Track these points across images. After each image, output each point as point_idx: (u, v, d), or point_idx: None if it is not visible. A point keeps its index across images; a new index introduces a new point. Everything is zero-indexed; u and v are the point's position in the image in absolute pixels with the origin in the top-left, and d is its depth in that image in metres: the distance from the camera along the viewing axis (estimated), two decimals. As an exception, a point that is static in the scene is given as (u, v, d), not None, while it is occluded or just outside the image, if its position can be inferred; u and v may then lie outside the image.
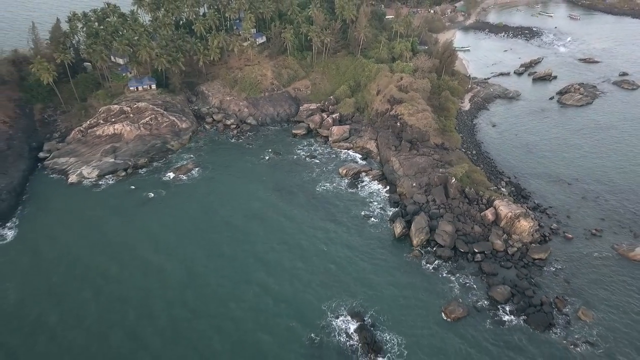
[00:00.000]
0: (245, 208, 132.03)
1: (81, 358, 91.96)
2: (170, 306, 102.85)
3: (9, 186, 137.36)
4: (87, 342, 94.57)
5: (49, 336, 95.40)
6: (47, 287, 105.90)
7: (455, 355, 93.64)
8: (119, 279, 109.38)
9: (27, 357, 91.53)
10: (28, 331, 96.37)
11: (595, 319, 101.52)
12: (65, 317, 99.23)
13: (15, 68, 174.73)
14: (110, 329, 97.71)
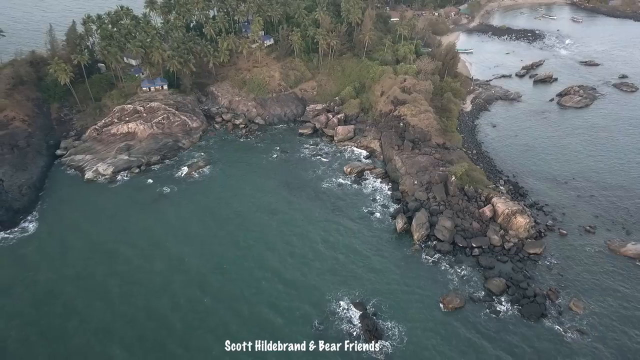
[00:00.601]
0: (255, 203, 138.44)
1: (108, 336, 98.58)
2: (188, 289, 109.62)
3: (29, 181, 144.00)
4: (112, 321, 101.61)
5: (79, 318, 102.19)
6: (73, 274, 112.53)
7: (452, 342, 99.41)
8: (139, 265, 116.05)
9: (62, 335, 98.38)
10: (60, 312, 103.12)
11: (586, 310, 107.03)
12: (91, 300, 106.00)
13: (33, 69, 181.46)
14: (133, 310, 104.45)
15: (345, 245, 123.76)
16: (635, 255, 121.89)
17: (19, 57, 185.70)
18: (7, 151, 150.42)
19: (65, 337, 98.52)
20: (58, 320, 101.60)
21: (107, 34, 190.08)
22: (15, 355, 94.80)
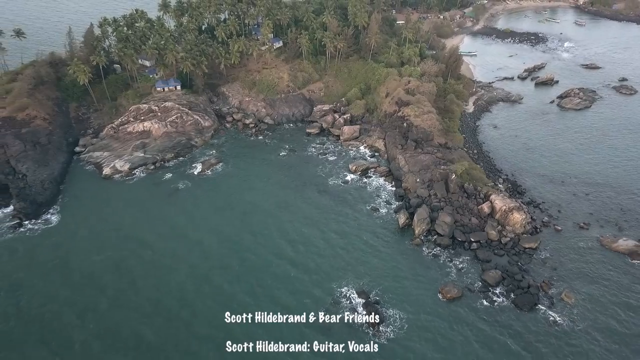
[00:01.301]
0: (266, 198, 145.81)
1: (138, 316, 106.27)
2: (210, 273, 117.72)
3: (50, 176, 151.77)
4: (140, 304, 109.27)
5: (110, 299, 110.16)
6: (99, 260, 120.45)
7: (449, 329, 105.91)
8: (162, 253, 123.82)
9: (95, 316, 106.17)
10: (93, 293, 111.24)
11: (577, 301, 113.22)
12: (119, 284, 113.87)
13: (53, 69, 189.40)
14: (160, 293, 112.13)
15: (350, 238, 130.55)
16: (626, 250, 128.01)
17: (39, 58, 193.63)
18: (29, 148, 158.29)
19: (96, 313, 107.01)
20: (89, 300, 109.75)
21: (123, 37, 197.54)
22: (52, 330, 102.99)
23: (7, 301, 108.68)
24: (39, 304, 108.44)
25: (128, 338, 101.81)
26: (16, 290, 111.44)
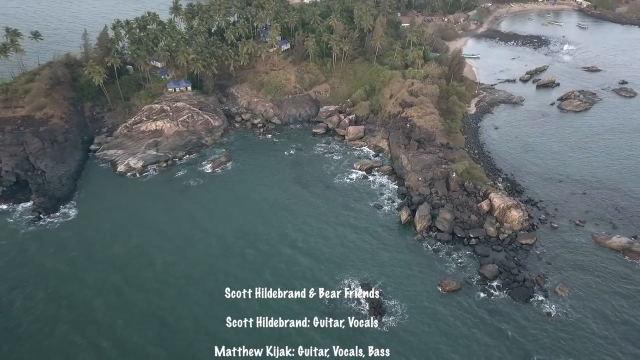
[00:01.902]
0: (274, 194, 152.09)
1: (144, 311, 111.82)
2: (214, 271, 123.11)
3: (67, 173, 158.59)
4: (147, 298, 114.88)
5: (117, 294, 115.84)
6: (117, 251, 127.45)
7: (448, 319, 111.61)
8: (170, 248, 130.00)
9: (103, 309, 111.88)
10: (100, 288, 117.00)
11: (570, 294, 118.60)
12: (128, 278, 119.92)
13: (68, 70, 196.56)
14: (166, 287, 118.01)
15: (355, 233, 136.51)
16: (618, 247, 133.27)
17: (55, 59, 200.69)
18: (47, 145, 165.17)
19: (120, 295, 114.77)
20: (98, 295, 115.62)
21: (136, 39, 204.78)
22: (79, 311, 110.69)
23: (37, 286, 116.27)
24: (65, 288, 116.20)
25: (148, 317, 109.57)
26: (43, 277, 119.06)
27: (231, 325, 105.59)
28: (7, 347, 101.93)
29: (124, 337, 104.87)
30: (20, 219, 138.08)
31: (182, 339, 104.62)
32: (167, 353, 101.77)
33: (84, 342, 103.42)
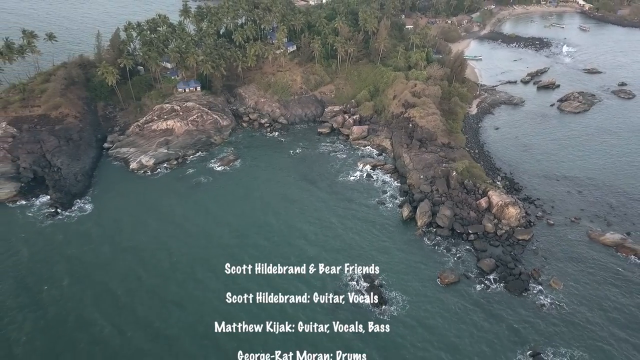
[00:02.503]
0: (281, 190, 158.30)
1: (162, 296, 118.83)
2: (226, 259, 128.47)
3: (82, 170, 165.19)
4: (165, 285, 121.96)
5: (137, 281, 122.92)
6: (129, 246, 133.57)
7: (446, 309, 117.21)
8: (185, 238, 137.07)
9: (125, 295, 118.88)
10: (121, 277, 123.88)
11: (564, 287, 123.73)
12: (146, 267, 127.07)
13: (82, 70, 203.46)
14: (183, 275, 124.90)
15: (358, 228, 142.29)
16: (612, 243, 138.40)
17: (70, 59, 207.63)
18: (63, 143, 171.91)
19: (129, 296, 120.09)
20: (121, 283, 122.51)
21: (147, 40, 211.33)
22: (103, 296, 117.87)
23: (64, 273, 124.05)
24: (88, 276, 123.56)
25: (166, 302, 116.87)
26: (67, 266, 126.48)
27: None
28: (37, 330, 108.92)
29: (143, 318, 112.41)
30: (38, 212, 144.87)
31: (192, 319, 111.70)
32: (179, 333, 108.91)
33: (105, 322, 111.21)
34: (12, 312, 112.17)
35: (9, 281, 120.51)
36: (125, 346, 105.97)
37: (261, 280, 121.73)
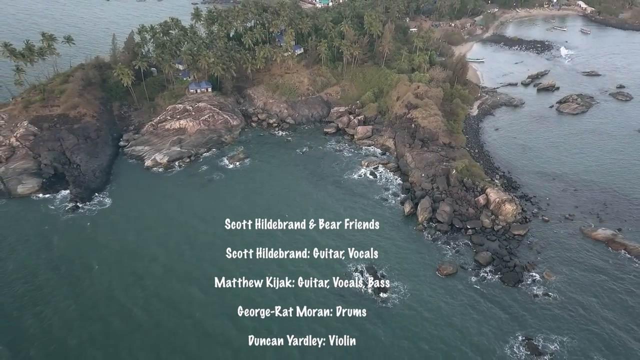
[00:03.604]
0: (289, 187, 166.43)
1: (185, 279, 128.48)
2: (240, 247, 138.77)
3: (100, 167, 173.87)
4: (187, 269, 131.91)
5: (162, 266, 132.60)
6: (151, 237, 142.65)
7: (444, 297, 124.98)
8: (203, 230, 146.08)
9: (151, 278, 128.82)
10: (147, 261, 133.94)
11: (556, 279, 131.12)
12: (169, 253, 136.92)
13: (98, 72, 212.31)
14: (203, 261, 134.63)
15: (362, 223, 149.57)
16: (603, 239, 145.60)
17: (87, 61, 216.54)
18: (82, 141, 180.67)
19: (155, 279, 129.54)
20: (148, 268, 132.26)
21: (160, 43, 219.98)
22: (119, 287, 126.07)
23: (93, 259, 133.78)
24: (115, 262, 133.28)
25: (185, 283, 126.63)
26: (89, 256, 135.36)
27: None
28: (72, 310, 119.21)
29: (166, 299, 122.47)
30: (60, 206, 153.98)
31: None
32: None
33: (133, 305, 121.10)
34: (49, 295, 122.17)
35: (44, 267, 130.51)
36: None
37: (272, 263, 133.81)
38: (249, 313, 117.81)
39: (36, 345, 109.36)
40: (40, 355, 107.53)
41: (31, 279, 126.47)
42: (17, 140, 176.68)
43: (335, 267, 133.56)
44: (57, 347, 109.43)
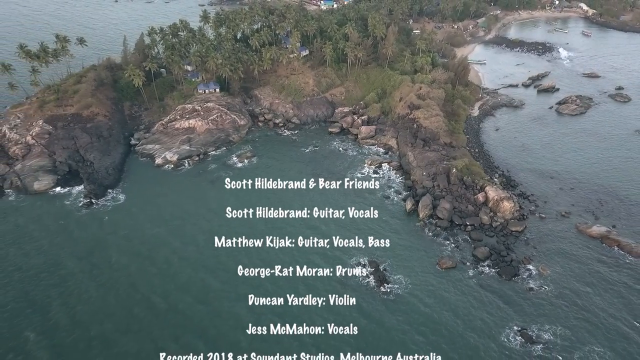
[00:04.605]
0: (296, 184, 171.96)
1: (198, 268, 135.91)
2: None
3: (113, 164, 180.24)
4: (200, 258, 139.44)
5: (177, 256, 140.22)
6: (167, 229, 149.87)
7: (443, 290, 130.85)
8: (212, 224, 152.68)
9: (166, 267, 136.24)
10: (166, 251, 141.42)
11: (551, 273, 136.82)
12: (183, 243, 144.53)
13: (110, 73, 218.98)
14: (214, 250, 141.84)
15: (365, 219, 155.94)
16: (597, 235, 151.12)
17: (98, 62, 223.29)
18: (95, 140, 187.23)
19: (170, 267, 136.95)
20: (167, 258, 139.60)
21: (170, 45, 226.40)
22: (138, 278, 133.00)
23: (100, 258, 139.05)
24: (125, 259, 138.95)
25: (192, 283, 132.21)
26: (107, 248, 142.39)
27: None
28: (95, 296, 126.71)
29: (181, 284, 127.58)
30: (75, 201, 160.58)
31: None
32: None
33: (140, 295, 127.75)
34: (73, 285, 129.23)
35: (67, 259, 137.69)
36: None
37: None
38: (259, 302, 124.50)
39: (64, 333, 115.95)
40: (69, 341, 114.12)
41: (56, 270, 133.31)
42: (33, 139, 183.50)
43: (340, 258, 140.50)
44: (83, 333, 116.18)
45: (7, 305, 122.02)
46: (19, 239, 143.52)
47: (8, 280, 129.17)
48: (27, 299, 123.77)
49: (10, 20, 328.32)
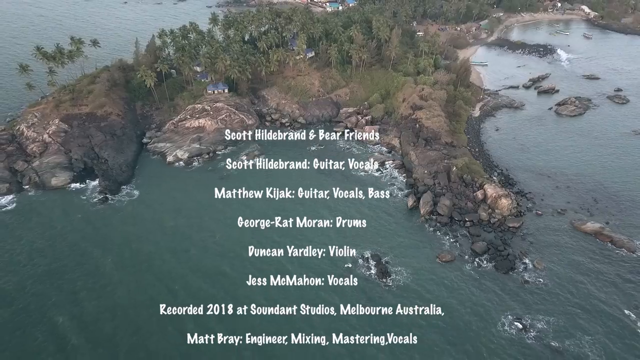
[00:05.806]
0: (302, 181, 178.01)
1: (212, 258, 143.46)
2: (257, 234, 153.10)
3: (126, 162, 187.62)
4: (218, 249, 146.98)
5: (198, 247, 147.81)
6: (184, 221, 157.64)
7: (443, 282, 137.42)
8: (224, 219, 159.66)
9: (184, 259, 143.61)
10: (184, 246, 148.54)
11: (545, 267, 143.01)
12: (201, 236, 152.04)
13: (122, 73, 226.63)
14: (231, 244, 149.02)
15: (368, 215, 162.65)
16: (592, 231, 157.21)
17: (111, 63, 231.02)
18: (109, 138, 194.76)
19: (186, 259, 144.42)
20: (185, 251, 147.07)
21: (180, 46, 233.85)
22: (156, 266, 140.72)
23: (122, 249, 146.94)
24: (145, 249, 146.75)
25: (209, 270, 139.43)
26: (127, 240, 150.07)
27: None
28: (124, 287, 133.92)
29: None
30: (91, 196, 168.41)
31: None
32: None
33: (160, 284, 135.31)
34: (99, 273, 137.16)
35: (92, 249, 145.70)
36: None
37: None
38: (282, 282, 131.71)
39: (93, 318, 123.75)
40: (98, 324, 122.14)
41: (82, 260, 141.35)
42: (50, 137, 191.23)
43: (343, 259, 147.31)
44: (113, 316, 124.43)
45: (36, 289, 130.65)
46: (44, 231, 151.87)
47: (35, 269, 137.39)
48: (55, 286, 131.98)
49: (24, 20, 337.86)
